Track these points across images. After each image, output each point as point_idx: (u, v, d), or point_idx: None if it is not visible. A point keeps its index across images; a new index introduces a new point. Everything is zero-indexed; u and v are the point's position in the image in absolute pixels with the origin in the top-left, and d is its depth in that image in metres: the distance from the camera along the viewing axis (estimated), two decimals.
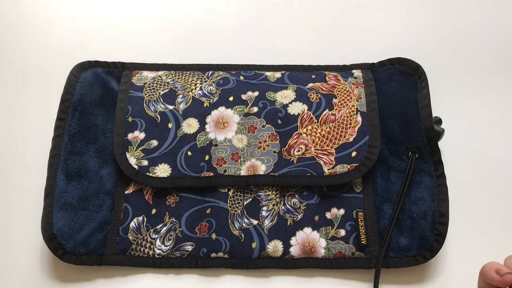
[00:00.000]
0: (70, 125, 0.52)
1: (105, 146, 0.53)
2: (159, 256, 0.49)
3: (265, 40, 0.63)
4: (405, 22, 0.64)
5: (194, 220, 0.50)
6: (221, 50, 0.62)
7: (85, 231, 0.49)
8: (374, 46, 0.62)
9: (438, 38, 0.62)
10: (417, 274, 0.49)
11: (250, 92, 0.54)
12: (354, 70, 0.57)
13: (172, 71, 0.57)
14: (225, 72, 0.56)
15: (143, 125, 0.52)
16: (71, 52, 0.61)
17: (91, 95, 0.54)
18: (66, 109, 0.52)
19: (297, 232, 0.50)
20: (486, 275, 0.34)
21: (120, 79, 0.55)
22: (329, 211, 0.50)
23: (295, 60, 0.59)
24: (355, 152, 0.51)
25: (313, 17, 0.64)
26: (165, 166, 0.51)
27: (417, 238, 0.48)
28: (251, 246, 0.49)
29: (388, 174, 0.52)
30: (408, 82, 0.53)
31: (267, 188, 0.51)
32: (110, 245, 0.49)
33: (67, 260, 0.48)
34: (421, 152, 0.51)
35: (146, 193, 0.51)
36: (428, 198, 0.49)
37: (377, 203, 0.51)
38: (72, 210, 0.49)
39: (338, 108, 0.53)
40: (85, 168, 0.51)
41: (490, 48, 0.62)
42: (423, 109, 0.51)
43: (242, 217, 0.50)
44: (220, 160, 0.51)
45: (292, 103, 0.53)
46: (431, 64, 0.55)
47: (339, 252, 0.49)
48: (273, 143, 0.52)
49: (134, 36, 0.63)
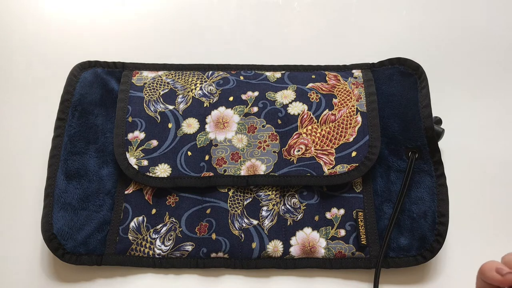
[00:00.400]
0: (70, 125, 0.52)
1: (105, 146, 0.53)
2: (159, 256, 0.49)
3: (265, 40, 0.63)
4: (405, 22, 0.64)
5: (194, 220, 0.50)
6: (221, 50, 0.62)
7: (85, 231, 0.49)
8: (374, 46, 0.62)
9: (438, 38, 0.62)
10: (417, 274, 0.49)
11: (250, 92, 0.54)
12: (354, 70, 0.57)
13: (172, 71, 0.57)
14: (225, 72, 0.56)
15: (143, 125, 0.52)
16: (71, 52, 0.61)
17: (91, 95, 0.54)
18: (66, 109, 0.52)
19: (297, 232, 0.50)
20: (485, 275, 0.32)
21: (120, 79, 0.56)
22: (329, 211, 0.50)
23: (295, 60, 0.59)
24: (355, 152, 0.51)
25: (313, 17, 0.64)
26: (165, 166, 0.51)
27: (417, 238, 0.48)
28: (251, 246, 0.49)
29: (388, 174, 0.52)
30: (408, 82, 0.53)
31: (267, 188, 0.51)
32: (110, 245, 0.49)
33: (67, 260, 0.48)
34: (421, 152, 0.51)
35: (146, 193, 0.51)
36: (428, 198, 0.49)
37: (377, 203, 0.51)
38: (72, 210, 0.49)
39: (338, 108, 0.53)
40: (85, 168, 0.51)
41: (490, 48, 0.62)
42: (423, 109, 0.51)
43: (242, 217, 0.50)
44: (220, 160, 0.51)
45: (292, 103, 0.53)
46: (431, 64, 0.55)
47: (339, 252, 0.49)
48: (273, 143, 0.52)
49: (134, 36, 0.63)
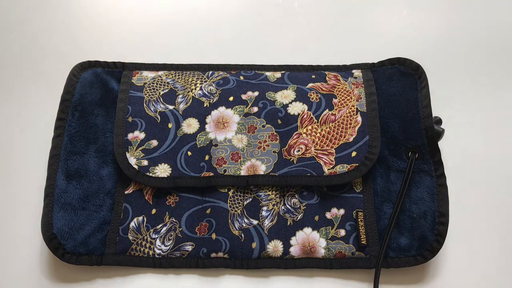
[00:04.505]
0: (70, 125, 0.52)
1: (105, 146, 0.53)
2: (159, 256, 0.49)
3: (265, 40, 0.63)
4: (405, 22, 0.64)
5: (194, 220, 0.50)
6: (221, 50, 0.62)
7: (85, 231, 0.49)
8: (374, 46, 0.62)
9: (438, 38, 0.62)
10: (417, 274, 0.49)
11: (250, 92, 0.54)
12: (354, 70, 0.57)
13: (172, 71, 0.57)
14: (225, 72, 0.56)
15: (143, 125, 0.52)
16: (71, 52, 0.61)
17: (91, 95, 0.54)
18: (66, 109, 0.52)
19: (297, 232, 0.50)
20: None
21: (120, 79, 0.55)
22: (329, 211, 0.50)
23: (295, 60, 0.59)
24: (355, 152, 0.51)
25: (313, 17, 0.64)
26: (165, 166, 0.51)
27: (417, 238, 0.48)
28: (251, 246, 0.49)
29: (388, 174, 0.52)
30: (408, 82, 0.53)
31: (267, 188, 0.51)
32: (110, 245, 0.49)
33: (67, 260, 0.48)
34: (421, 152, 0.51)
35: (146, 193, 0.51)
36: (428, 198, 0.49)
37: (377, 203, 0.51)
38: (72, 210, 0.49)
39: (338, 108, 0.53)
40: (85, 168, 0.51)
41: (490, 48, 0.62)
42: (423, 109, 0.51)
43: (242, 217, 0.50)
44: (220, 160, 0.51)
45: (292, 103, 0.53)
46: (431, 64, 0.55)
47: (339, 252, 0.49)
48: (273, 143, 0.52)
49: (134, 36, 0.63)
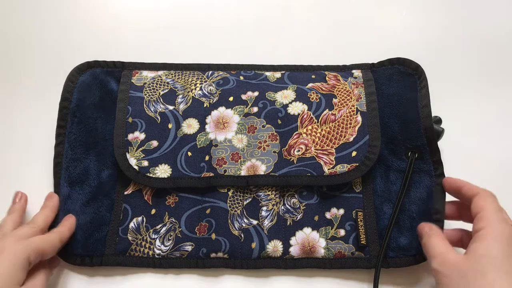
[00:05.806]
0: (70, 132, 0.51)
1: (105, 149, 0.52)
2: (159, 256, 0.49)
3: (265, 40, 0.63)
4: (405, 22, 0.64)
5: (193, 220, 0.50)
6: (221, 50, 0.62)
7: (85, 232, 0.49)
8: (374, 46, 0.62)
9: (438, 38, 0.62)
10: (417, 274, 0.49)
11: (250, 92, 0.54)
12: (354, 70, 0.57)
13: (172, 71, 0.56)
14: (225, 72, 0.56)
15: (143, 125, 0.52)
16: (71, 52, 0.61)
17: (89, 98, 0.53)
18: (65, 116, 0.52)
19: (296, 232, 0.50)
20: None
21: (120, 79, 0.55)
22: (329, 211, 0.50)
23: (295, 60, 0.59)
24: (355, 152, 0.51)
25: (313, 17, 0.64)
26: (165, 167, 0.51)
27: (416, 238, 0.48)
28: (251, 246, 0.49)
29: (387, 174, 0.52)
30: (407, 82, 0.53)
31: (266, 188, 0.51)
32: (110, 245, 0.49)
33: (67, 260, 0.48)
34: (420, 152, 0.51)
35: (145, 193, 0.51)
36: (427, 198, 0.49)
37: (377, 203, 0.51)
38: (74, 214, 0.49)
39: (338, 108, 0.53)
40: (87, 173, 0.51)
41: (490, 48, 0.61)
42: (423, 109, 0.51)
43: (242, 217, 0.50)
44: (220, 160, 0.51)
45: (292, 103, 0.53)
46: (431, 64, 0.55)
47: (339, 252, 0.49)
48: (273, 143, 0.52)
49: (134, 36, 0.63)
